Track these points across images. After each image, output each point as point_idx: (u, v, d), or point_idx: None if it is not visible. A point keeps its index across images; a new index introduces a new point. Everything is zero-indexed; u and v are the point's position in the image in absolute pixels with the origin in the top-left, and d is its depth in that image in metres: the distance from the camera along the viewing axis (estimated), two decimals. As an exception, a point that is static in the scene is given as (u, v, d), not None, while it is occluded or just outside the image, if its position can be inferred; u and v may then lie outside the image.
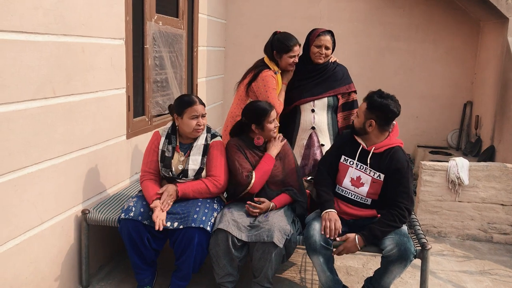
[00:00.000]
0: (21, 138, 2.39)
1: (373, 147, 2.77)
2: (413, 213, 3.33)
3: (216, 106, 6.06)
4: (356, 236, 2.67)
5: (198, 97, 2.98)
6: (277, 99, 3.30)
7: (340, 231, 2.71)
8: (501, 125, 4.88)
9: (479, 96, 5.74)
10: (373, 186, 2.79)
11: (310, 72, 3.44)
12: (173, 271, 2.92)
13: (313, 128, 3.44)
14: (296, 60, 3.37)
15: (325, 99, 3.42)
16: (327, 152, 3.07)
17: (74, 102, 2.80)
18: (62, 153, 2.73)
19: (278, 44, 3.33)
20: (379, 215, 2.80)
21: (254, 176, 2.94)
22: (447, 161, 4.06)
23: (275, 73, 3.36)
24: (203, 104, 2.96)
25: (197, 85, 5.08)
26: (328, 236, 2.68)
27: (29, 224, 2.52)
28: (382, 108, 2.67)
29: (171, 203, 2.84)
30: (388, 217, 2.68)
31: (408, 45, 6.01)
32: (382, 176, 2.77)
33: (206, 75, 5.48)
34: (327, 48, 3.36)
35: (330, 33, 3.40)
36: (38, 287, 2.64)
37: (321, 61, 3.40)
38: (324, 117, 3.44)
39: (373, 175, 2.78)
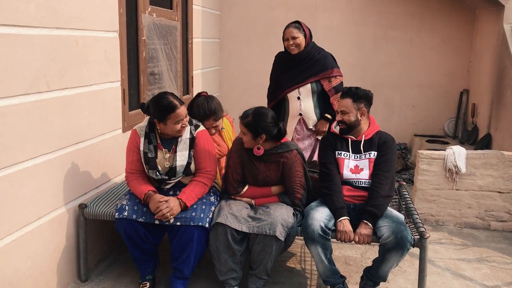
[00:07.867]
0: (16, 133, 2.37)
1: (363, 135, 2.92)
2: (403, 187, 3.46)
3: (212, 98, 6.02)
4: (362, 223, 2.70)
5: (176, 97, 2.78)
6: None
7: (352, 236, 2.72)
8: (497, 113, 4.88)
9: (475, 84, 5.73)
10: (372, 167, 2.88)
11: (291, 61, 3.67)
12: (172, 274, 2.88)
13: (300, 114, 3.72)
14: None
15: (309, 86, 3.65)
16: (321, 154, 2.99)
17: (69, 96, 2.78)
18: (58, 148, 2.71)
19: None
20: None
21: (245, 190, 2.93)
22: (444, 150, 4.06)
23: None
24: (183, 102, 2.80)
25: (192, 77, 5.06)
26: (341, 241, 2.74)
27: (26, 219, 2.51)
28: (366, 95, 2.90)
29: (171, 218, 2.71)
30: (372, 193, 2.79)
31: (405, 33, 5.99)
32: (376, 153, 2.90)
33: (202, 67, 5.45)
34: (293, 38, 3.56)
35: (296, 23, 3.61)
36: (36, 282, 2.64)
37: (294, 52, 3.61)
38: (310, 103, 3.69)
39: (369, 156, 2.89)
